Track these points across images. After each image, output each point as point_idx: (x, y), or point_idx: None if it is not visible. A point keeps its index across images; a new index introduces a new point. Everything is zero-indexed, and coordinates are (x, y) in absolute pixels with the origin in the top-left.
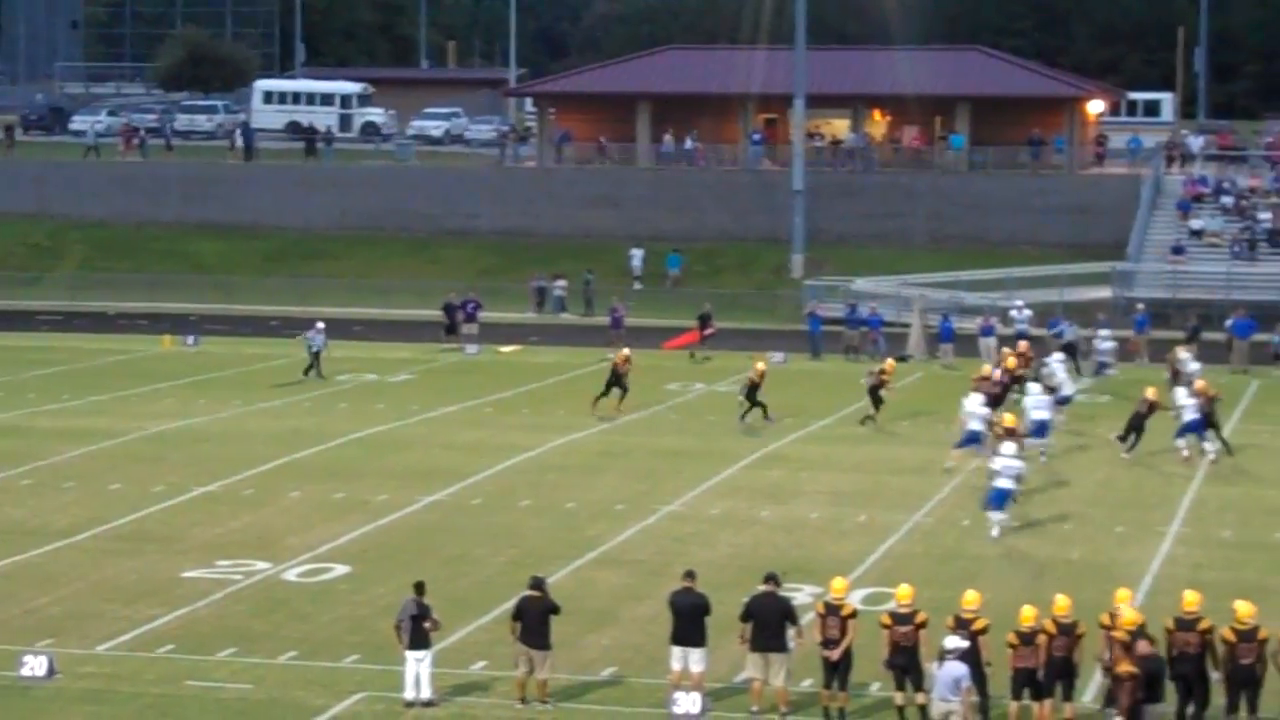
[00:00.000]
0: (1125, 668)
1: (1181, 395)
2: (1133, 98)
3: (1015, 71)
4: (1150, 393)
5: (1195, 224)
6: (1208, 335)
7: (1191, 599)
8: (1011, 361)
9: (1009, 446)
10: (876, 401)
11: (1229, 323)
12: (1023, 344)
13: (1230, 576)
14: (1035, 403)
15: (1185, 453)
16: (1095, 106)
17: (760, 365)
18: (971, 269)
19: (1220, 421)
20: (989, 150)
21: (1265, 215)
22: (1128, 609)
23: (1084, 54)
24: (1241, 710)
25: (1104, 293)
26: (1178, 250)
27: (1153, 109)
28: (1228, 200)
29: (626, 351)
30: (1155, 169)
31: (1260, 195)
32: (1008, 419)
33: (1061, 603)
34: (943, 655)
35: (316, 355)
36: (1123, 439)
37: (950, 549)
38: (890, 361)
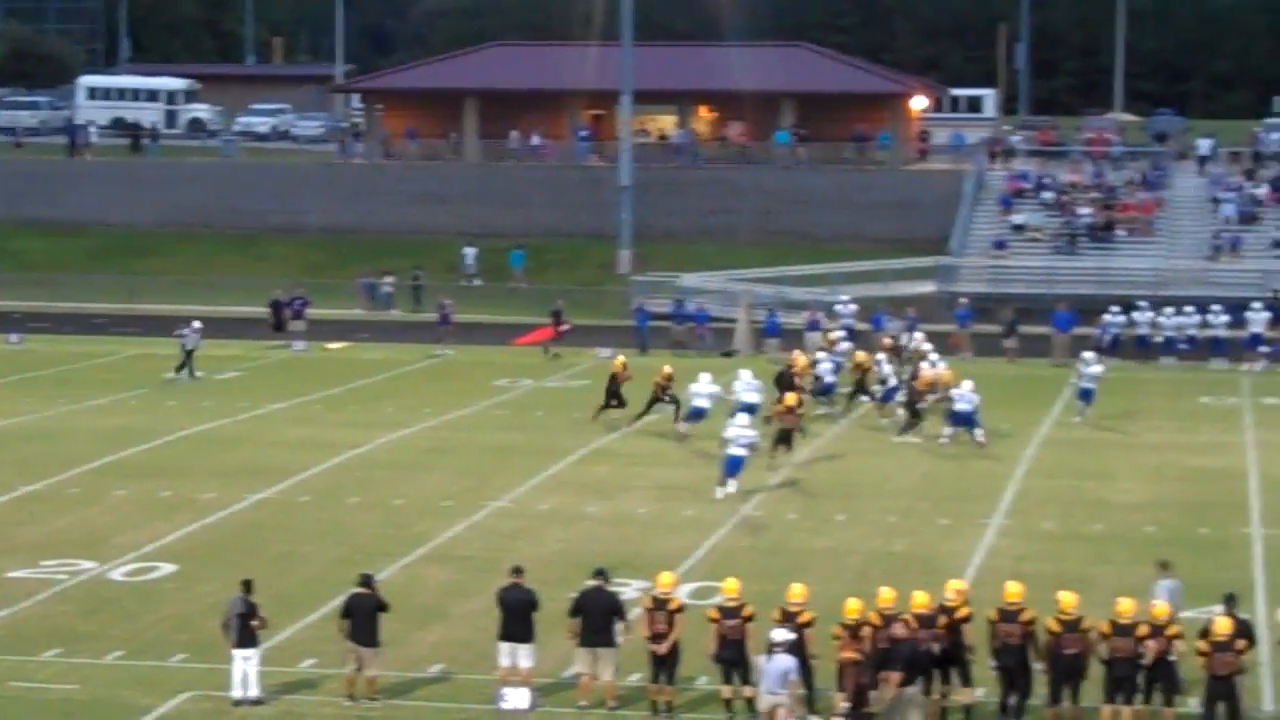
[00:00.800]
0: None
1: (966, 386)
2: (955, 94)
3: (840, 68)
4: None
5: (1017, 219)
6: (1030, 329)
7: (1014, 590)
8: (861, 355)
9: (742, 418)
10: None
11: (1051, 316)
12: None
13: (1052, 568)
14: (745, 386)
15: (947, 437)
16: (918, 103)
17: (666, 369)
18: (797, 264)
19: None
20: (814, 146)
21: (1085, 210)
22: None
23: (907, 51)
24: (1064, 700)
25: (928, 287)
26: (1000, 245)
27: (975, 105)
28: (1049, 195)
29: (623, 359)
30: (977, 165)
31: (1080, 190)
32: (789, 398)
33: (886, 595)
34: (772, 648)
35: (190, 354)
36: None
37: (777, 542)
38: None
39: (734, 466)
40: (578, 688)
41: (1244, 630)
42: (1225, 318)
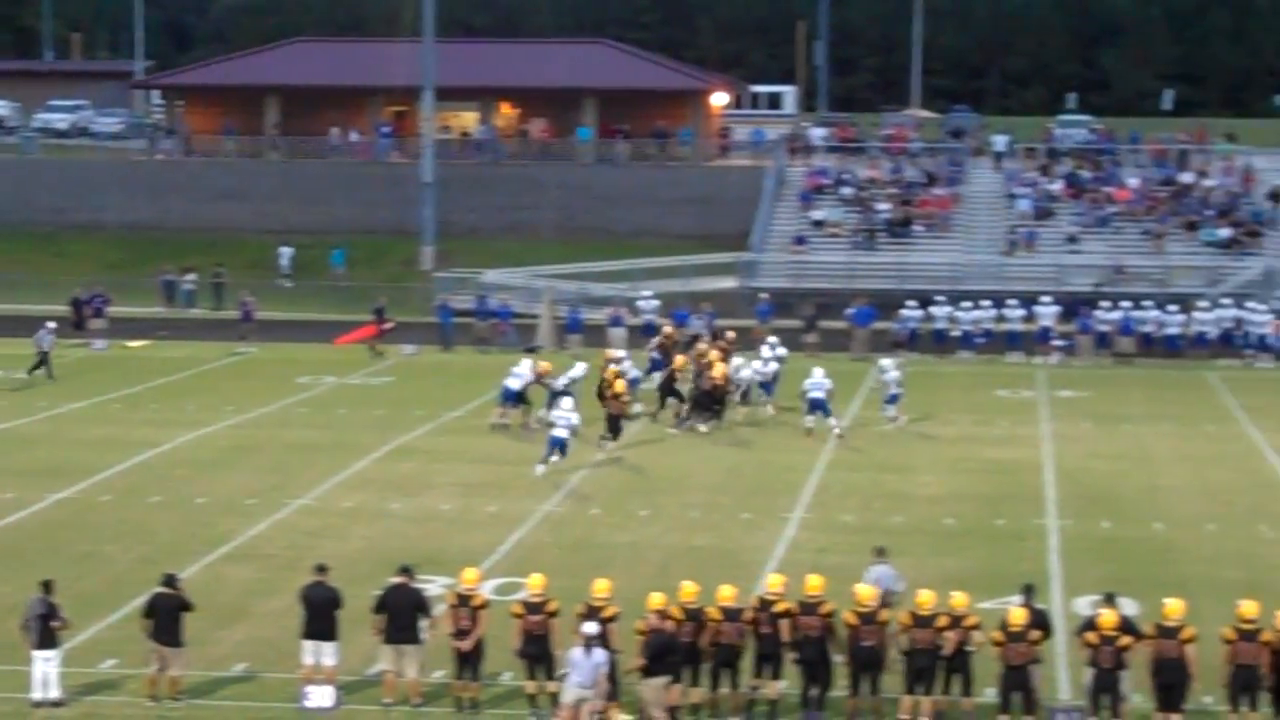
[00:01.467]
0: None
1: (817, 374)
2: (756, 91)
3: (641, 65)
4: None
5: (817, 215)
6: (830, 324)
7: (815, 583)
8: (681, 361)
9: (567, 401)
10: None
11: (849, 311)
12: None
13: (853, 560)
14: (517, 371)
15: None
16: (719, 99)
17: (544, 365)
18: (600, 260)
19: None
20: (615, 142)
21: (884, 206)
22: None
23: (709, 48)
24: (864, 691)
25: (729, 283)
26: (800, 240)
27: (775, 102)
28: (848, 191)
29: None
30: (778, 161)
31: (879, 186)
32: (617, 386)
33: (688, 589)
34: (588, 642)
35: (45, 355)
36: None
37: (580, 538)
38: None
39: (554, 446)
40: (382, 685)
41: (1039, 621)
42: (1020, 312)
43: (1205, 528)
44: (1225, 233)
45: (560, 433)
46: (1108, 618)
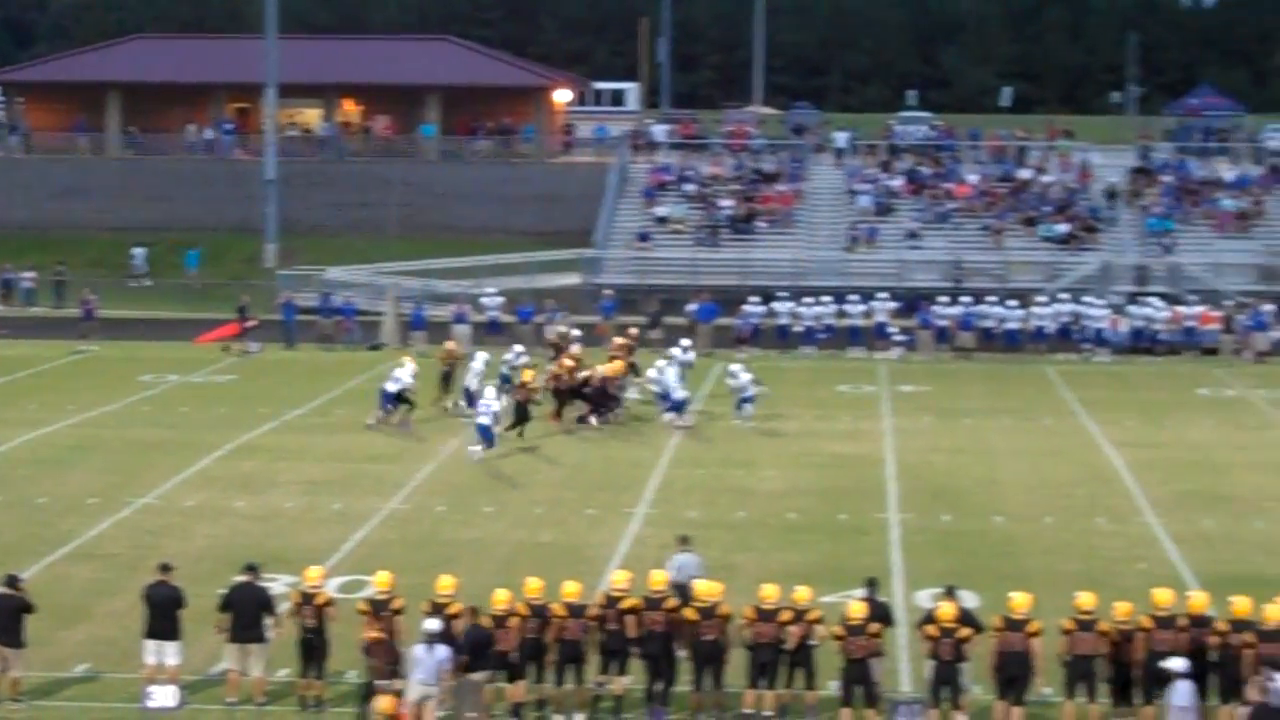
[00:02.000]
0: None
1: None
2: (599, 88)
3: (484, 61)
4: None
5: (660, 211)
6: (675, 320)
7: (659, 578)
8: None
9: (490, 391)
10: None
11: (692, 307)
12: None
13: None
14: (397, 375)
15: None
16: (562, 96)
17: (451, 345)
18: (443, 257)
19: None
20: (460, 139)
21: (727, 202)
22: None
23: (552, 45)
24: (706, 684)
25: (573, 279)
26: (643, 237)
27: (618, 99)
28: (691, 188)
29: (569, 362)
30: (621, 157)
31: (721, 183)
32: (526, 375)
33: (533, 585)
34: (431, 639)
35: None
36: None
37: (425, 535)
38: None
39: (481, 433)
40: (226, 684)
41: (880, 614)
42: (861, 307)
43: (1044, 520)
44: (1063, 228)
45: (484, 419)
46: (946, 610)
